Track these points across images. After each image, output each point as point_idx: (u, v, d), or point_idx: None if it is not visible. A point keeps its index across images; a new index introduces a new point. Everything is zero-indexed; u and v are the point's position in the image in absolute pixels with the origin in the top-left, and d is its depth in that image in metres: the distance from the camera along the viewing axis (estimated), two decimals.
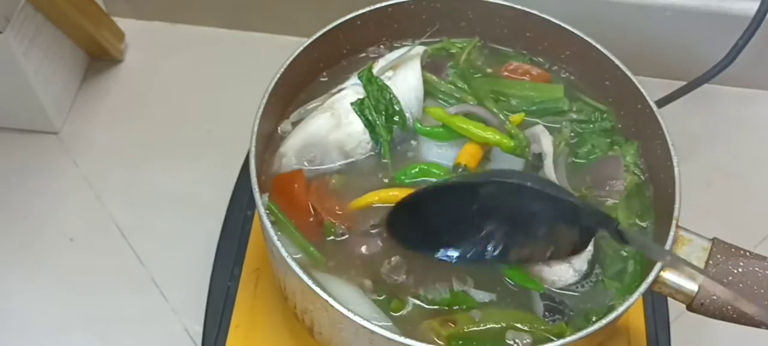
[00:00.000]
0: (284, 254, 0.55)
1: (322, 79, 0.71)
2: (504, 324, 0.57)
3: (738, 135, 0.95)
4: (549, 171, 0.62)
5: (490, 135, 0.64)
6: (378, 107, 0.65)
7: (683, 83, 0.84)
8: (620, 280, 0.60)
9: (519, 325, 0.57)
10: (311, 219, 0.61)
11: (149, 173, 0.89)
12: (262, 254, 0.72)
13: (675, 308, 0.64)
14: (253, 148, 0.60)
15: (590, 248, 0.59)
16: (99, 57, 0.98)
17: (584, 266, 0.59)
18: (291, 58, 0.65)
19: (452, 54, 0.72)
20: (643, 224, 0.63)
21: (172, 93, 0.97)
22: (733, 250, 0.56)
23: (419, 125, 0.66)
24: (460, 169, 0.64)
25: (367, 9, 0.69)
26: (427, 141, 0.67)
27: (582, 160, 0.67)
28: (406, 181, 0.64)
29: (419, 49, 0.69)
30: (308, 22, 0.68)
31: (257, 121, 0.61)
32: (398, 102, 0.65)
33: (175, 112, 0.95)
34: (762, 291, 0.54)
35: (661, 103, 0.83)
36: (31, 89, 0.86)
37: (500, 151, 0.64)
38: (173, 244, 0.84)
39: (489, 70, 0.72)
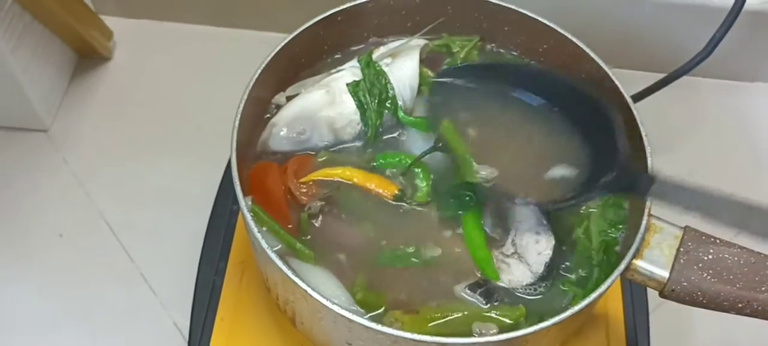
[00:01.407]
0: (264, 245, 0.56)
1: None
2: (466, 313, 0.58)
3: (717, 126, 0.96)
4: None
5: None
6: (372, 91, 0.66)
7: (663, 75, 0.85)
8: (581, 286, 0.61)
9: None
10: (289, 218, 0.62)
11: (138, 170, 0.90)
12: (246, 248, 0.73)
13: (655, 297, 0.65)
14: (233, 145, 0.61)
15: (548, 251, 0.60)
16: (87, 55, 0.99)
17: (541, 269, 0.60)
18: (270, 56, 0.66)
19: (453, 52, 0.73)
20: (615, 235, 0.63)
21: (160, 90, 0.98)
22: (703, 237, 0.57)
23: (402, 114, 0.67)
24: (439, 143, 0.65)
25: (348, 5, 0.70)
26: (414, 134, 0.68)
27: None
28: (383, 164, 0.65)
29: (420, 42, 0.70)
30: (292, 18, 0.69)
31: (238, 117, 0.62)
32: (393, 88, 0.67)
33: (164, 109, 0.96)
34: (731, 276, 0.55)
35: (640, 95, 0.83)
36: (19, 87, 0.86)
37: None
38: (162, 239, 0.85)
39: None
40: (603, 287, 0.55)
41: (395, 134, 0.68)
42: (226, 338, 0.68)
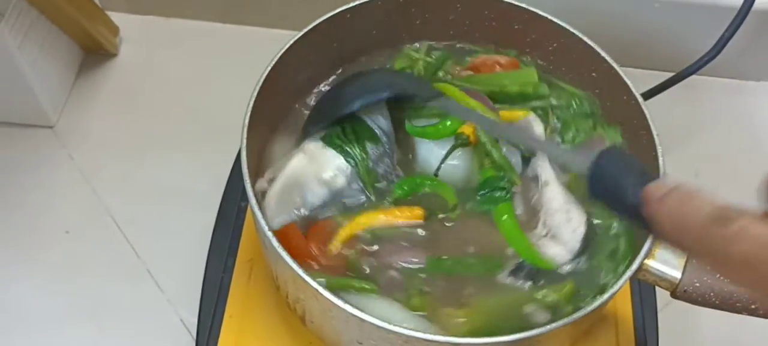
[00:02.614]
0: (275, 244, 0.55)
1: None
2: (515, 297, 0.59)
3: (725, 126, 0.96)
4: (541, 156, 0.64)
5: (489, 113, 0.65)
6: (346, 131, 0.65)
7: (671, 75, 0.85)
8: (612, 259, 0.61)
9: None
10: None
11: (144, 166, 0.90)
12: (255, 245, 0.73)
13: (663, 296, 0.65)
14: (244, 142, 0.61)
15: (582, 227, 0.60)
16: (94, 51, 0.98)
17: (577, 245, 0.60)
18: (281, 52, 0.65)
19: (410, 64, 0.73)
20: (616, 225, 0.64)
21: (166, 86, 0.98)
22: None
23: (410, 126, 0.66)
24: (461, 139, 0.64)
25: (358, 2, 0.70)
26: (431, 165, 0.66)
27: (568, 145, 0.68)
28: (403, 194, 0.64)
29: None
30: (301, 15, 0.69)
31: (248, 113, 0.62)
32: (366, 120, 0.65)
33: (170, 106, 0.95)
34: None
35: (648, 94, 0.83)
36: (26, 83, 0.86)
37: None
38: (168, 236, 0.85)
39: (458, 69, 0.73)
40: (614, 288, 0.55)
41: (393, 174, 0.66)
42: (235, 336, 0.68)
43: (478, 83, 0.70)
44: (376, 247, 0.62)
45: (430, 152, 0.65)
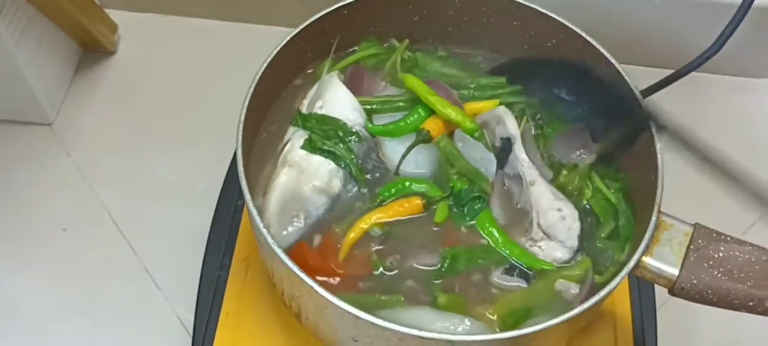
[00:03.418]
0: (270, 241, 0.55)
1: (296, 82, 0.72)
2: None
3: (726, 123, 0.96)
4: (520, 153, 0.63)
5: (453, 113, 0.64)
6: (328, 135, 0.64)
7: (671, 72, 0.84)
8: (616, 238, 0.62)
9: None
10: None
11: (142, 164, 0.90)
12: (252, 243, 0.73)
13: (662, 294, 0.65)
14: (239, 139, 0.61)
15: (576, 223, 0.60)
16: (92, 48, 0.98)
17: (575, 243, 0.60)
18: (277, 50, 0.65)
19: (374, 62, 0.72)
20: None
21: (164, 84, 0.97)
22: (714, 235, 0.57)
23: (370, 125, 0.66)
24: (422, 134, 0.64)
25: None
26: (392, 147, 0.66)
27: (549, 130, 0.68)
28: (388, 196, 0.64)
29: (332, 74, 0.69)
30: (298, 12, 0.69)
31: (244, 110, 0.62)
32: (343, 122, 0.65)
33: (168, 103, 0.95)
34: (742, 274, 0.55)
35: (648, 91, 0.83)
36: (23, 80, 0.86)
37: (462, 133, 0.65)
38: (166, 233, 0.85)
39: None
40: (612, 284, 0.55)
41: (379, 168, 0.66)
42: (231, 333, 0.68)
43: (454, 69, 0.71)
44: (390, 251, 0.61)
45: (395, 151, 0.65)
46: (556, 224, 0.60)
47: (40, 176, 0.89)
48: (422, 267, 0.61)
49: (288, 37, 0.66)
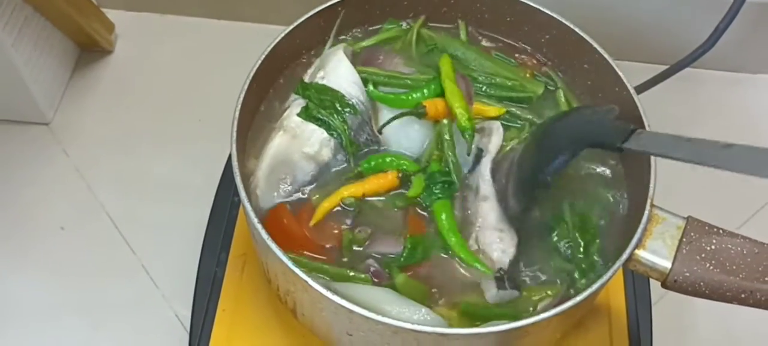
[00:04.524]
0: (264, 236, 0.55)
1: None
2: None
3: (720, 119, 0.96)
4: (484, 168, 0.63)
5: (457, 105, 0.63)
6: (324, 104, 0.64)
7: (665, 67, 0.84)
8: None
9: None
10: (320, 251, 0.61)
11: (139, 162, 0.91)
12: (248, 240, 0.73)
13: (657, 289, 0.65)
14: (233, 136, 0.61)
15: (512, 248, 0.60)
16: (89, 48, 0.99)
17: (505, 266, 0.60)
18: (269, 48, 0.65)
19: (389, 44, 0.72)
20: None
21: (161, 83, 0.98)
22: (706, 228, 0.57)
23: (372, 88, 0.66)
24: (418, 107, 0.64)
25: None
26: (395, 134, 0.66)
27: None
28: (369, 169, 0.64)
29: (337, 46, 0.69)
30: (294, 10, 0.69)
31: (238, 107, 0.62)
32: (341, 94, 0.65)
33: (165, 102, 0.96)
34: (734, 267, 0.55)
35: (643, 87, 0.83)
36: (21, 80, 0.86)
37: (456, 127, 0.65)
38: (163, 231, 0.85)
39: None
40: (605, 278, 0.55)
41: (374, 144, 0.66)
42: (227, 330, 0.68)
43: (469, 56, 0.70)
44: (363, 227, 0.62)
45: (390, 127, 0.65)
46: (492, 243, 0.60)
47: (38, 175, 0.90)
48: (387, 252, 0.61)
49: (282, 34, 0.67)
